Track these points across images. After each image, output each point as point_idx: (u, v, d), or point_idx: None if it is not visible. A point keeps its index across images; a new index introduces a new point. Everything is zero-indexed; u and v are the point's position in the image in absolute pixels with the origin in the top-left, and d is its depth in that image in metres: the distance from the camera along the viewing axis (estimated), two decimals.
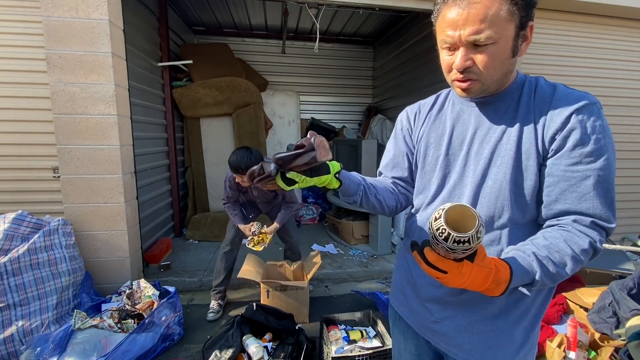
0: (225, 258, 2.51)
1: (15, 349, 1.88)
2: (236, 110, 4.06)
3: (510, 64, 0.70)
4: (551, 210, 0.70)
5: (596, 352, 1.84)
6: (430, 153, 0.86)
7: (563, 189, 0.67)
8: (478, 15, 0.63)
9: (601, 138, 0.66)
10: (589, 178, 0.66)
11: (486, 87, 0.71)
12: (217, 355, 1.81)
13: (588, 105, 0.67)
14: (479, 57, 0.67)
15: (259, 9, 4.50)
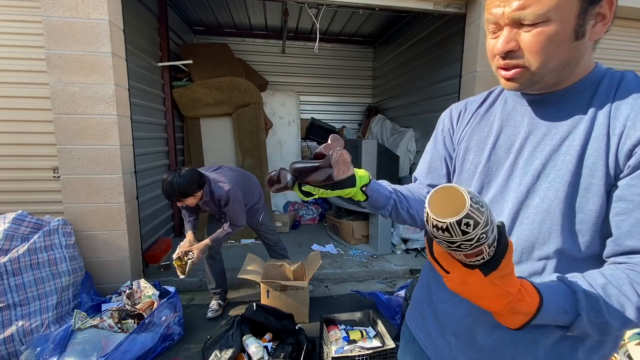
0: (209, 264, 2.47)
1: (15, 349, 1.88)
2: (236, 110, 4.06)
3: (572, 50, 0.54)
4: (620, 247, 0.52)
5: None
6: (469, 158, 0.72)
7: (637, 220, 0.50)
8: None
9: None
10: None
11: (538, 78, 0.56)
12: (217, 355, 1.81)
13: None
14: (526, 39, 0.53)
15: (259, 9, 4.50)
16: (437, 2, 2.91)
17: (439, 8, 2.93)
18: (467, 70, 2.98)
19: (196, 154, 4.23)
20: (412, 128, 4.43)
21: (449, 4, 2.94)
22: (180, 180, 1.99)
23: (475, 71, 2.85)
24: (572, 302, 0.48)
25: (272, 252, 2.75)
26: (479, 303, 0.48)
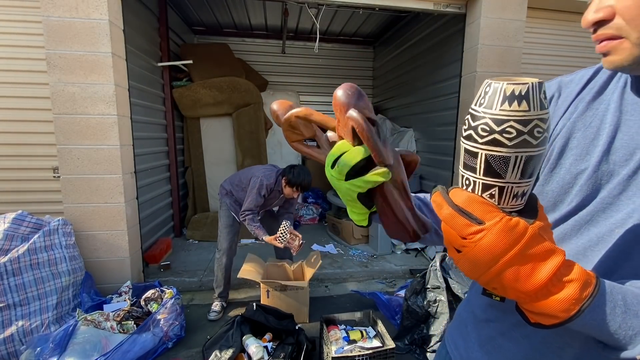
0: (224, 268, 2.48)
1: (15, 349, 1.88)
2: (236, 110, 4.06)
3: None
4: None
5: None
6: (565, 163, 0.50)
7: None
8: None
9: None
10: None
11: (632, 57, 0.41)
12: (217, 355, 1.81)
13: None
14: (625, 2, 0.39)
15: (259, 9, 4.50)
16: (437, 2, 2.91)
17: (439, 8, 2.93)
18: (467, 71, 2.98)
19: (196, 154, 4.23)
20: (412, 128, 4.43)
21: (449, 4, 2.94)
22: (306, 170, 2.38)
23: (475, 71, 2.85)
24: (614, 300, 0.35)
25: (279, 251, 2.76)
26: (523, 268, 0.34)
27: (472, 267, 0.36)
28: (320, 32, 3.91)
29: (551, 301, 0.34)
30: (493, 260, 0.34)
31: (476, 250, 0.34)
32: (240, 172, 2.61)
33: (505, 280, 0.35)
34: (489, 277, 0.35)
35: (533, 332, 0.45)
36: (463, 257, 0.36)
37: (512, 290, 0.35)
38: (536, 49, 3.20)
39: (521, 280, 0.34)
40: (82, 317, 1.96)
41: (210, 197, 4.29)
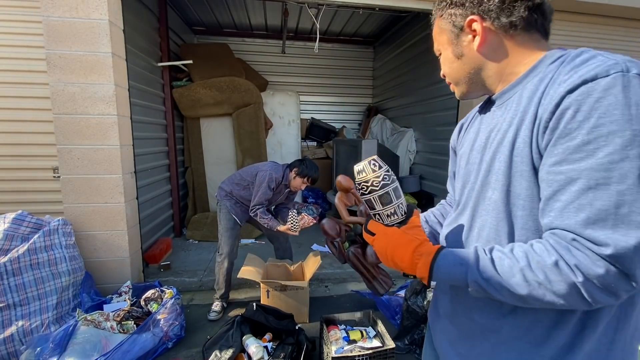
0: (226, 271, 2.48)
1: (15, 349, 1.89)
2: (236, 110, 4.06)
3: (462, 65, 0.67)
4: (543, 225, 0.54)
5: None
6: (462, 164, 0.75)
7: (546, 197, 0.52)
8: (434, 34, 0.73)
9: (608, 122, 0.47)
10: (576, 182, 0.49)
11: (462, 89, 0.71)
12: (217, 355, 1.81)
13: (597, 79, 0.48)
14: (444, 70, 0.73)
15: (259, 9, 4.50)
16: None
17: None
18: None
19: (196, 154, 4.24)
20: (412, 128, 4.43)
21: None
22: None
23: None
24: (466, 256, 0.56)
25: (279, 251, 2.76)
26: (397, 253, 0.59)
27: (381, 260, 0.64)
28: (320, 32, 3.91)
29: (419, 268, 0.58)
30: (383, 253, 0.62)
31: (376, 250, 0.63)
32: (240, 170, 2.61)
33: (396, 263, 0.60)
34: (388, 264, 0.62)
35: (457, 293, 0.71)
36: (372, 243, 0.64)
37: (402, 268, 0.60)
38: None
39: (400, 261, 0.60)
40: (82, 317, 1.96)
41: (210, 197, 4.29)
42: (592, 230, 0.47)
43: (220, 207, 2.52)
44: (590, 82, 0.48)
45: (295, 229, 2.36)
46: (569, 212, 0.49)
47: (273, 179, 2.38)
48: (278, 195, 2.53)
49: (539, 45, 0.63)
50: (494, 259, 0.54)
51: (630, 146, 0.46)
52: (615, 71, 0.48)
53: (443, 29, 0.68)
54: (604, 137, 0.47)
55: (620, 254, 0.45)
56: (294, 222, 2.34)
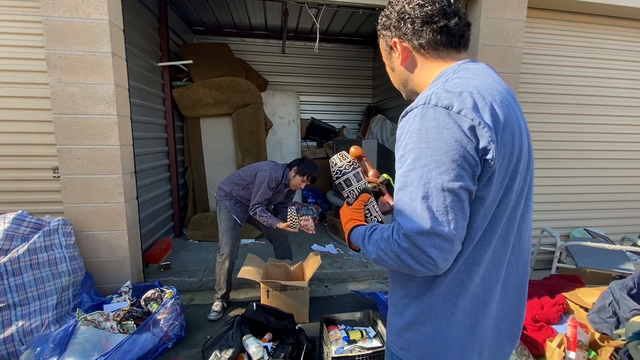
0: (227, 272, 2.48)
1: (15, 349, 1.89)
2: (236, 110, 4.06)
3: (396, 77, 0.86)
4: None
5: (596, 352, 1.85)
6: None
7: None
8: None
9: (410, 142, 0.66)
10: (397, 183, 0.70)
11: (403, 94, 0.89)
12: (217, 355, 1.81)
13: (413, 109, 0.68)
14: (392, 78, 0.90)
15: (259, 9, 4.50)
16: None
17: None
18: None
19: (196, 154, 4.23)
20: None
21: None
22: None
23: None
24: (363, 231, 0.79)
25: (279, 251, 2.76)
26: (344, 220, 0.89)
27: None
28: (320, 32, 3.91)
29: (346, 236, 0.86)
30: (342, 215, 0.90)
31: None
32: (239, 170, 2.61)
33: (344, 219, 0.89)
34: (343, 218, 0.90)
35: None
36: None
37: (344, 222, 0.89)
38: (536, 49, 3.20)
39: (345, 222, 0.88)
40: (82, 317, 1.96)
41: (210, 197, 4.29)
42: (398, 216, 0.69)
43: (220, 208, 2.51)
44: (409, 112, 0.69)
45: (294, 225, 2.35)
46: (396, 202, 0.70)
47: (273, 178, 2.39)
48: (278, 195, 2.53)
49: (447, 59, 0.77)
50: (372, 231, 0.77)
51: (418, 160, 0.64)
52: (420, 104, 0.66)
53: (382, 47, 0.85)
54: (407, 153, 0.67)
55: (411, 234, 0.64)
56: (293, 219, 2.34)
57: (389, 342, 0.84)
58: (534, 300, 2.19)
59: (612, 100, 3.44)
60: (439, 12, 0.73)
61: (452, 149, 0.62)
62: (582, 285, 2.43)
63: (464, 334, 0.74)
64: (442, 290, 0.73)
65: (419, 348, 0.76)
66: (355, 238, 0.81)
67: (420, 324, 0.76)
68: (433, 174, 0.62)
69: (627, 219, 3.69)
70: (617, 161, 3.55)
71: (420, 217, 0.63)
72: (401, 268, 0.69)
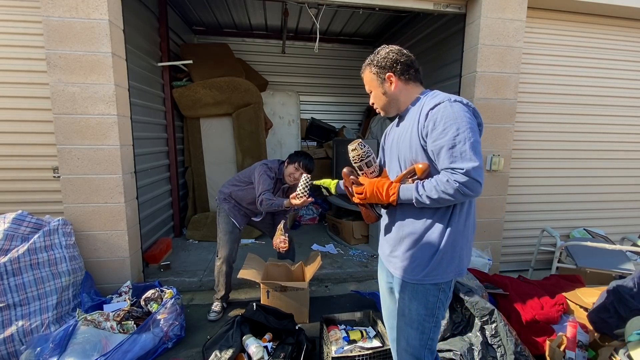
0: (225, 275, 2.47)
1: (15, 349, 1.89)
2: (236, 110, 4.06)
3: (386, 99, 1.29)
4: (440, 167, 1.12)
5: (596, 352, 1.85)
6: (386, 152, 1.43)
7: (435, 157, 1.13)
8: (365, 80, 1.35)
9: (448, 120, 1.08)
10: (443, 147, 1.08)
11: (384, 111, 1.33)
12: (217, 355, 1.81)
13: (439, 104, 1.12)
14: (371, 98, 1.34)
15: (259, 9, 4.50)
16: (437, 2, 2.91)
17: (439, 8, 2.93)
18: (467, 70, 2.99)
19: (196, 154, 4.23)
20: None
21: (449, 4, 2.94)
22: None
23: (475, 71, 2.85)
24: (412, 186, 1.15)
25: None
26: (379, 189, 1.22)
27: (372, 199, 1.26)
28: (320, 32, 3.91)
29: (392, 195, 1.20)
30: (371, 191, 1.25)
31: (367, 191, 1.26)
32: (239, 173, 2.61)
33: (378, 196, 1.24)
34: (373, 198, 1.25)
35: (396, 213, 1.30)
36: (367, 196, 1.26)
37: (381, 199, 1.23)
38: (536, 49, 3.19)
39: (381, 194, 1.23)
40: (82, 317, 1.96)
41: (210, 197, 4.29)
42: (454, 164, 1.06)
43: (219, 211, 2.51)
44: (437, 105, 1.12)
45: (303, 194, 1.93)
46: (445, 160, 1.08)
47: (269, 167, 2.41)
48: (275, 192, 2.52)
49: (419, 87, 1.30)
50: (423, 185, 1.12)
51: (459, 129, 1.07)
52: (444, 100, 1.13)
53: (373, 78, 1.30)
54: (448, 127, 1.08)
55: (469, 170, 1.04)
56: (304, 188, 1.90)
57: (421, 279, 1.20)
58: (534, 300, 2.19)
59: (612, 100, 3.44)
60: (413, 62, 1.28)
61: (471, 121, 1.10)
62: (582, 285, 2.43)
63: (470, 243, 1.25)
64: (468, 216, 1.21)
65: (454, 265, 1.19)
66: (405, 193, 1.16)
67: (454, 247, 1.18)
68: (469, 134, 1.07)
69: (627, 219, 3.69)
70: (617, 161, 3.55)
71: (470, 158, 1.05)
72: (457, 199, 1.07)
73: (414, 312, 1.22)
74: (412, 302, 1.23)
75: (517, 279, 2.52)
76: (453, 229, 1.17)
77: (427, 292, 1.20)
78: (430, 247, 1.18)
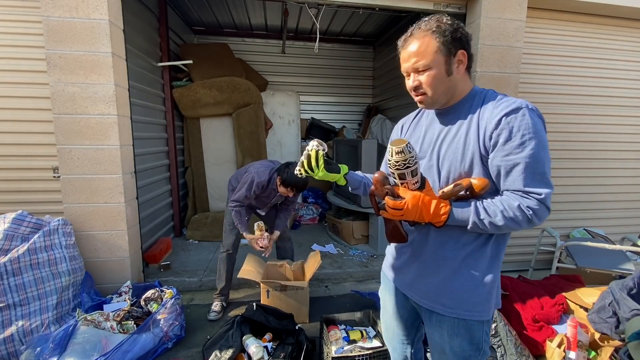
0: (227, 262, 2.51)
1: (15, 349, 1.88)
2: (236, 110, 4.06)
3: (448, 82, 0.97)
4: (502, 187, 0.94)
5: (596, 352, 1.85)
6: None
7: (504, 174, 0.92)
8: (417, 51, 0.96)
9: (527, 132, 0.88)
10: (518, 164, 0.89)
11: (435, 99, 0.99)
12: (217, 355, 1.81)
13: (519, 109, 0.90)
14: (423, 78, 0.97)
15: (259, 9, 4.50)
16: (437, 2, 2.91)
17: (439, 8, 2.93)
18: None
19: (196, 154, 4.23)
20: None
21: (449, 4, 2.94)
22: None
23: (476, 71, 2.85)
24: (467, 207, 0.93)
25: (281, 250, 2.76)
26: (426, 207, 0.92)
27: (411, 216, 0.92)
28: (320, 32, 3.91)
29: (441, 215, 0.92)
30: (415, 207, 0.91)
31: (410, 205, 0.91)
32: (246, 165, 2.62)
33: (422, 214, 0.92)
34: (413, 215, 0.92)
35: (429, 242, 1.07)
36: (406, 213, 0.92)
37: (426, 218, 0.92)
38: (536, 49, 3.20)
39: (427, 212, 0.91)
40: (82, 317, 1.96)
41: (210, 197, 4.29)
42: (530, 187, 0.88)
43: (227, 202, 2.55)
44: (514, 111, 0.89)
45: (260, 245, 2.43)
46: (518, 181, 0.89)
47: (254, 183, 2.28)
48: (270, 199, 2.46)
49: (469, 80, 1.04)
50: (485, 207, 0.91)
51: (537, 144, 0.88)
52: (523, 106, 0.90)
53: (437, 50, 0.95)
54: (527, 142, 0.88)
55: (545, 197, 0.88)
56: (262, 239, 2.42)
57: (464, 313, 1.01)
58: (534, 300, 2.19)
59: (612, 100, 3.44)
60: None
61: (545, 136, 0.91)
62: (582, 285, 2.43)
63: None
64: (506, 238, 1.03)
65: (497, 298, 1.05)
66: (460, 215, 0.93)
67: (496, 275, 1.02)
68: (547, 153, 0.89)
69: (627, 219, 3.69)
70: (617, 161, 3.55)
71: (547, 183, 0.89)
72: (521, 228, 0.91)
73: (457, 348, 1.04)
74: (454, 339, 1.04)
75: (517, 279, 2.52)
76: (496, 254, 1.00)
77: (472, 328, 1.02)
78: (474, 276, 0.99)
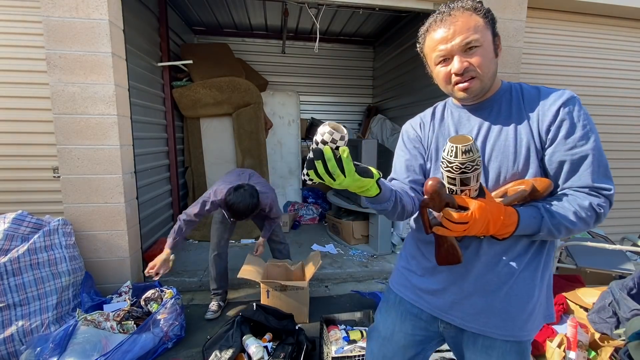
0: (215, 263, 2.48)
1: (15, 349, 1.89)
2: (236, 110, 4.06)
3: (495, 64, 0.86)
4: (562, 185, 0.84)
5: (596, 352, 1.85)
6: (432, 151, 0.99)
7: (568, 170, 0.82)
8: (463, 27, 0.80)
9: (586, 123, 0.81)
10: (587, 157, 0.80)
11: (484, 84, 0.84)
12: (217, 355, 1.81)
13: (574, 98, 0.82)
14: (473, 58, 0.81)
15: (259, 9, 4.50)
16: (437, 2, 2.91)
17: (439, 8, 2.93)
18: None
19: (196, 154, 4.24)
20: None
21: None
22: (255, 200, 2.13)
23: None
24: (536, 211, 0.79)
25: (275, 251, 2.76)
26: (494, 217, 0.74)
27: (475, 230, 0.74)
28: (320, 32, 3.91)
29: (509, 225, 0.77)
30: (484, 219, 0.73)
31: (478, 217, 0.72)
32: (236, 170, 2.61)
33: (488, 226, 0.74)
34: (479, 229, 0.74)
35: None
36: (471, 226, 0.72)
37: (492, 231, 0.76)
38: (536, 49, 3.20)
39: (495, 223, 0.75)
40: (82, 317, 1.96)
41: None
42: (599, 183, 0.79)
43: None
44: (570, 101, 0.81)
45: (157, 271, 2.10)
46: (586, 176, 0.80)
47: (209, 202, 2.20)
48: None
49: None
50: (555, 211, 0.79)
51: (596, 136, 0.81)
52: (574, 95, 0.83)
53: (484, 28, 0.83)
54: (589, 132, 0.80)
55: (612, 193, 0.80)
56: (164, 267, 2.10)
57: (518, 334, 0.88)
58: None
59: (612, 101, 3.44)
60: None
61: None
62: (582, 285, 2.43)
63: None
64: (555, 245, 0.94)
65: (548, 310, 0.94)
66: (527, 223, 0.78)
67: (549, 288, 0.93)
68: (601, 144, 0.81)
69: (627, 219, 3.70)
70: (617, 161, 3.55)
71: (611, 176, 0.81)
72: (589, 228, 0.83)
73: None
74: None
75: None
76: (547, 262, 0.90)
77: (525, 350, 0.91)
78: (530, 291, 0.87)
